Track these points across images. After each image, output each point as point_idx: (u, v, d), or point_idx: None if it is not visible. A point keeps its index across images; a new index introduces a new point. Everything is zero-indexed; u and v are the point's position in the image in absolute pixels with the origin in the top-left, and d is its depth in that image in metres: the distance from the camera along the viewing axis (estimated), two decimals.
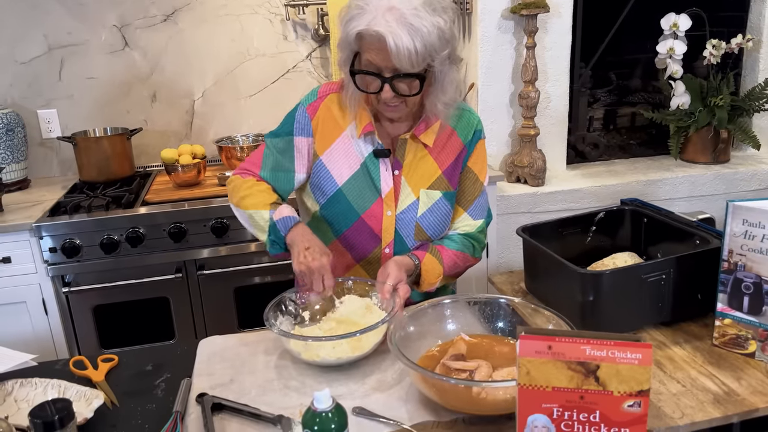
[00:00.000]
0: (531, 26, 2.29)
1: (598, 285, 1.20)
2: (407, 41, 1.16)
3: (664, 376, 1.12)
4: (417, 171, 1.39)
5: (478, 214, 1.47)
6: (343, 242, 1.40)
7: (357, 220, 1.37)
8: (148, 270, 2.12)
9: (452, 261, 1.40)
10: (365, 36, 1.21)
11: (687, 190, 2.51)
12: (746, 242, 1.12)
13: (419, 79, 1.24)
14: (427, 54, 1.20)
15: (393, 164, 1.39)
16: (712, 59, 2.47)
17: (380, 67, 1.22)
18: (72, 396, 1.13)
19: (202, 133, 2.66)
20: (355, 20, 1.21)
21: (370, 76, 1.25)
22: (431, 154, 1.40)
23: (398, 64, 1.20)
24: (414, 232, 1.39)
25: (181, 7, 2.52)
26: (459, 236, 1.45)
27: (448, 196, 1.41)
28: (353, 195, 1.37)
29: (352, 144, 1.38)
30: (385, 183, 1.38)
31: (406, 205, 1.39)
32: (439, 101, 1.31)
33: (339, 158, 1.38)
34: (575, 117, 2.66)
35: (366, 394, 1.12)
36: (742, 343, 1.17)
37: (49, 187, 2.43)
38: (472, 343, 1.18)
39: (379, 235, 1.38)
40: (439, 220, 1.41)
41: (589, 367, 0.85)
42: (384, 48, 1.18)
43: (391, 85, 1.23)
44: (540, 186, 2.42)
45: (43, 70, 2.49)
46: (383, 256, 1.40)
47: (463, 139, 1.42)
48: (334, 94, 1.40)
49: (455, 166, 1.42)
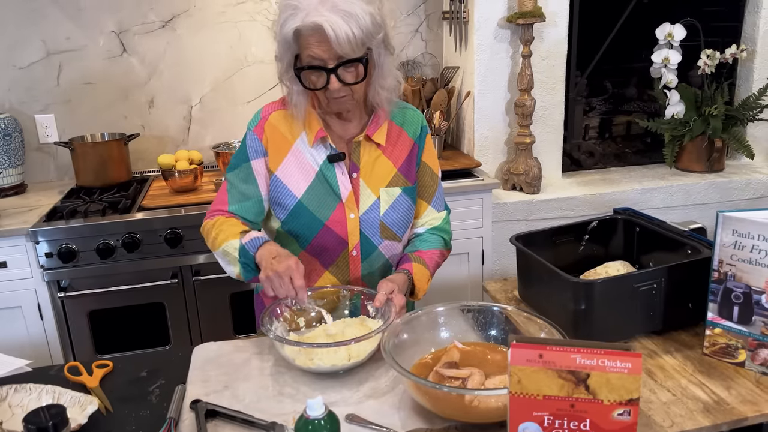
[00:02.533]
0: (527, 35, 2.31)
1: (590, 294, 1.21)
2: (344, 26, 1.21)
3: (654, 385, 1.13)
4: (374, 171, 1.41)
5: (440, 206, 1.51)
6: (310, 251, 1.41)
7: (322, 228, 1.38)
8: (144, 275, 2.12)
9: (434, 261, 1.46)
10: (303, 31, 1.24)
11: (681, 198, 2.52)
12: (736, 252, 1.13)
13: (362, 63, 1.27)
14: (364, 37, 1.24)
15: (350, 167, 1.41)
16: (707, 69, 2.49)
17: (323, 59, 1.25)
18: (66, 402, 1.14)
19: (199, 138, 2.67)
20: (290, 20, 1.24)
21: (315, 72, 1.27)
22: (384, 153, 1.42)
23: (340, 50, 1.23)
24: (379, 231, 1.41)
25: (179, 13, 2.53)
26: (429, 234, 1.49)
27: (408, 191, 1.44)
28: (314, 204, 1.38)
29: (305, 155, 1.39)
30: (343, 187, 1.39)
31: (368, 206, 1.40)
32: (382, 89, 1.35)
33: (293, 171, 1.39)
34: (571, 125, 2.68)
35: (359, 402, 1.12)
36: (732, 352, 1.18)
37: (45, 191, 2.43)
38: (465, 350, 1.19)
39: (345, 239, 1.40)
40: (402, 216, 1.43)
41: (580, 375, 0.86)
42: (324, 38, 1.22)
43: (336, 75, 1.26)
44: (535, 194, 2.43)
45: (41, 75, 2.50)
46: (351, 259, 1.41)
47: (412, 135, 1.46)
48: (277, 111, 1.42)
49: (409, 162, 1.45)
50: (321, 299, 1.36)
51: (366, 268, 1.42)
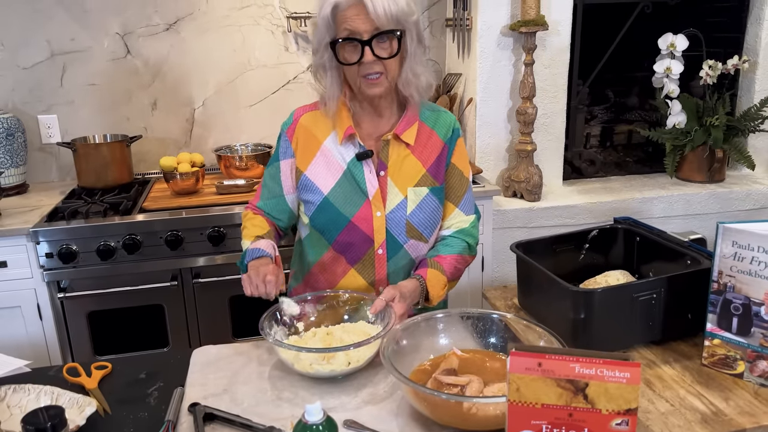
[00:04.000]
0: (530, 43, 2.32)
1: (590, 303, 1.21)
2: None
3: (653, 395, 1.13)
4: (402, 170, 1.42)
5: (469, 209, 1.51)
6: (337, 248, 1.43)
7: (347, 225, 1.40)
8: (144, 277, 2.12)
9: (452, 266, 1.44)
10: (341, 6, 1.29)
11: (682, 208, 2.52)
12: (736, 264, 1.13)
13: (396, 37, 1.31)
14: (399, 13, 1.29)
15: (378, 166, 1.42)
16: (709, 79, 2.49)
17: (359, 32, 1.29)
18: (65, 403, 1.14)
19: (201, 141, 2.67)
20: (327, 2, 1.31)
21: (350, 46, 1.31)
22: (414, 153, 1.43)
23: (376, 21, 1.28)
24: (405, 230, 1.42)
25: (183, 16, 2.54)
26: (453, 238, 1.48)
27: (436, 191, 1.44)
28: (340, 201, 1.41)
29: (333, 153, 1.43)
30: (370, 185, 1.41)
31: (395, 205, 1.41)
32: (414, 76, 1.38)
33: (321, 170, 1.43)
34: (572, 133, 2.69)
35: (358, 407, 1.12)
36: (730, 363, 1.18)
37: (47, 192, 2.43)
38: (464, 357, 1.19)
39: (371, 237, 1.41)
40: (429, 216, 1.44)
41: (578, 384, 0.86)
42: (361, 10, 1.28)
43: (371, 48, 1.29)
44: (536, 201, 2.43)
45: (44, 76, 2.51)
46: (377, 257, 1.42)
47: (443, 137, 1.47)
48: (308, 113, 1.47)
49: (438, 163, 1.46)
50: (320, 304, 1.37)
51: (392, 266, 1.43)
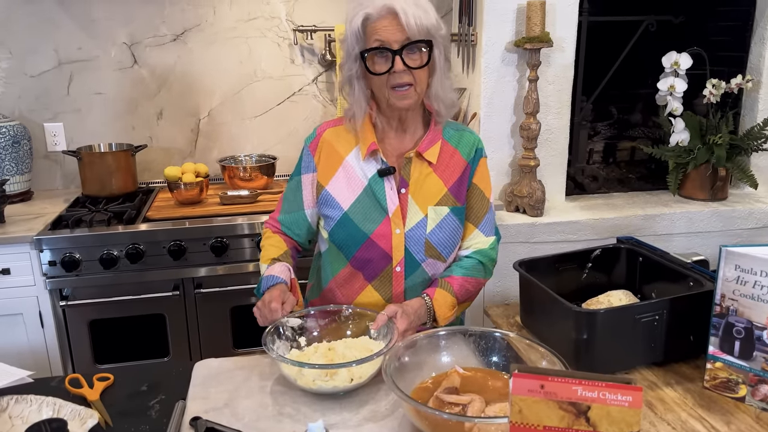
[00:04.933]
0: (534, 59, 2.33)
1: (592, 323, 1.22)
2: (413, 9, 1.29)
3: (654, 418, 1.13)
4: (423, 188, 1.42)
5: (489, 230, 1.50)
6: (355, 264, 1.44)
7: (366, 241, 1.40)
8: (146, 287, 2.13)
9: (463, 288, 1.43)
10: (372, 16, 1.31)
11: (684, 226, 2.52)
12: (738, 287, 1.13)
13: (427, 46, 1.32)
14: (430, 25, 1.31)
15: (399, 183, 1.42)
16: (712, 98, 2.50)
17: (389, 42, 1.30)
18: (67, 415, 1.14)
19: (206, 151, 2.69)
20: (357, 16, 1.32)
21: (380, 56, 1.32)
22: (436, 171, 1.43)
23: (408, 30, 1.29)
24: (424, 249, 1.42)
25: (191, 27, 2.56)
26: (469, 259, 1.47)
27: (456, 211, 1.44)
28: (359, 217, 1.41)
29: (355, 169, 1.43)
30: (391, 202, 1.41)
31: (415, 223, 1.41)
32: (442, 90, 1.39)
33: (342, 185, 1.43)
34: (575, 149, 2.69)
35: (359, 424, 1.12)
36: (732, 387, 1.18)
37: (51, 199, 2.44)
38: (466, 376, 1.19)
39: (390, 254, 1.41)
40: (449, 236, 1.43)
41: (581, 407, 0.86)
42: (393, 21, 1.29)
43: (401, 57, 1.31)
44: (538, 216, 2.44)
45: (51, 84, 2.52)
46: (394, 275, 1.42)
47: (466, 157, 1.46)
48: (332, 128, 1.48)
49: (460, 183, 1.45)
50: (323, 318, 1.37)
51: (409, 284, 1.43)
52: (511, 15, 2.37)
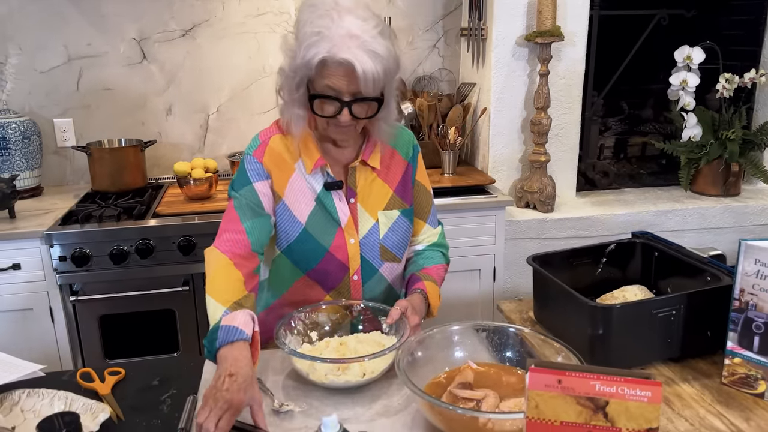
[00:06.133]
0: (545, 54, 2.31)
1: (608, 318, 1.20)
2: (372, 67, 1.19)
3: (672, 414, 1.11)
4: (371, 195, 1.42)
5: (435, 222, 1.55)
6: (312, 276, 1.40)
7: (326, 255, 1.38)
8: (156, 282, 2.13)
9: (440, 276, 1.49)
10: (329, 63, 1.21)
11: (696, 222, 2.50)
12: (758, 282, 1.12)
13: (378, 102, 1.28)
14: (386, 78, 1.25)
15: (347, 193, 1.40)
16: (725, 93, 2.48)
17: (341, 92, 1.24)
18: (78, 408, 1.13)
19: (215, 147, 2.68)
20: (315, 47, 1.21)
21: (328, 101, 1.26)
22: (380, 176, 1.43)
23: (364, 89, 1.22)
24: (379, 254, 1.42)
25: (200, 23, 2.56)
26: (430, 250, 1.51)
27: (406, 213, 1.45)
28: (317, 231, 1.37)
29: (304, 182, 1.38)
30: (342, 213, 1.39)
31: (367, 230, 1.40)
32: (386, 123, 1.36)
33: (297, 197, 1.38)
34: (586, 145, 2.68)
35: (372, 419, 1.11)
36: (751, 382, 1.16)
37: (61, 195, 2.44)
38: (479, 371, 1.18)
39: (347, 264, 1.39)
40: (401, 238, 1.45)
41: (599, 402, 0.85)
42: (349, 74, 1.21)
43: (350, 109, 1.26)
44: (549, 212, 2.42)
45: (61, 80, 2.52)
46: (352, 283, 1.41)
47: (405, 156, 1.47)
48: (276, 136, 1.39)
49: (404, 183, 1.46)
50: (334, 314, 1.36)
51: (367, 291, 1.43)
52: (522, 9, 2.35)
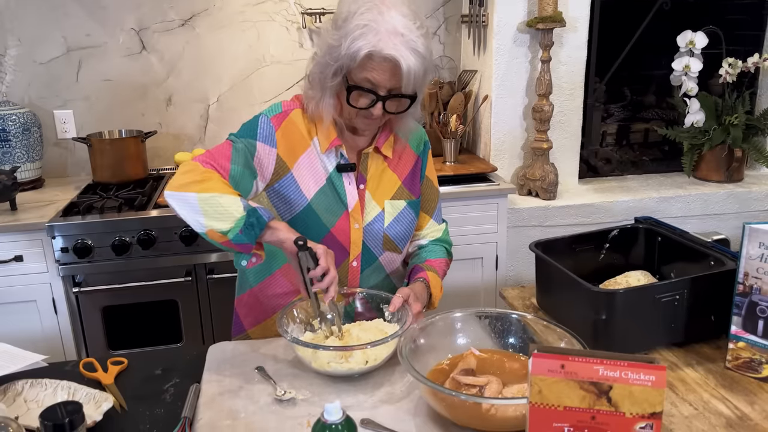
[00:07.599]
0: (547, 40, 2.29)
1: (611, 304, 1.20)
2: (417, 66, 1.22)
3: (676, 398, 1.11)
4: (380, 183, 1.42)
5: (440, 219, 1.55)
6: None
7: (327, 235, 1.36)
8: (158, 273, 2.13)
9: (443, 269, 1.49)
10: (375, 57, 1.22)
11: (700, 208, 2.49)
12: (762, 265, 1.11)
13: (410, 99, 1.29)
14: (425, 78, 1.27)
15: (357, 179, 1.40)
16: (728, 78, 2.46)
17: (378, 86, 1.25)
18: (81, 398, 1.14)
19: (216, 137, 2.67)
20: (361, 40, 1.20)
21: (364, 93, 1.26)
22: (390, 166, 1.43)
23: (404, 86, 1.24)
24: (381, 243, 1.41)
25: (199, 12, 2.54)
26: (434, 245, 1.51)
27: (413, 204, 1.45)
28: (322, 209, 1.36)
29: (317, 159, 1.37)
30: (350, 197, 1.38)
31: (373, 217, 1.40)
32: (413, 118, 1.39)
33: (306, 172, 1.37)
34: (588, 131, 2.66)
35: (375, 406, 1.11)
36: (755, 367, 1.15)
37: (62, 187, 2.44)
38: (482, 358, 1.18)
39: (348, 249, 1.39)
40: (405, 229, 1.44)
41: (602, 387, 0.84)
42: (392, 70, 1.22)
43: (383, 104, 1.27)
44: (551, 200, 2.41)
45: (60, 71, 2.51)
46: (350, 269, 1.40)
47: (416, 149, 1.48)
48: (298, 110, 1.38)
49: (413, 176, 1.46)
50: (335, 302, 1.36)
51: (364, 279, 1.42)
52: None
